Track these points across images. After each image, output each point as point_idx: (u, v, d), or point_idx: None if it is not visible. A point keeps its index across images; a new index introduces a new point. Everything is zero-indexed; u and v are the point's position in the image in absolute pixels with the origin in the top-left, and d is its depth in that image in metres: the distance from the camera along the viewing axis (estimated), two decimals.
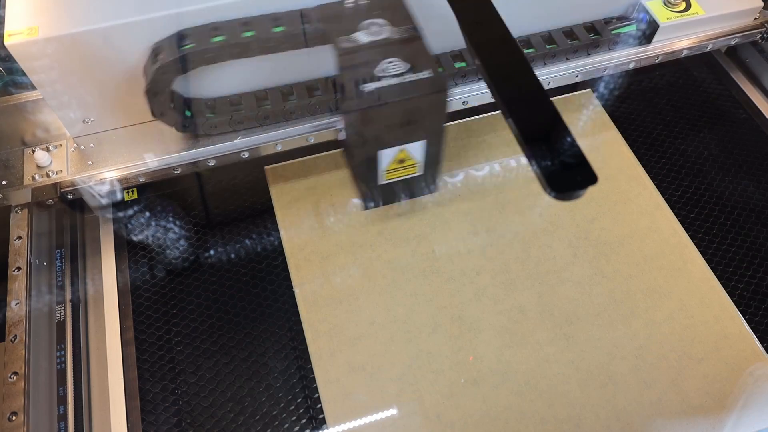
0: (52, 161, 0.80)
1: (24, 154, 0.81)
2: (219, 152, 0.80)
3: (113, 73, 0.74)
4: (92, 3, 0.71)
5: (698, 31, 0.93)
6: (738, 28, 0.94)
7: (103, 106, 0.78)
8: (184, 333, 0.80)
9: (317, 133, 0.82)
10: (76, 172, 0.79)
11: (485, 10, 0.63)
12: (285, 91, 0.82)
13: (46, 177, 0.79)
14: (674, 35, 0.92)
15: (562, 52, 0.89)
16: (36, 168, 0.79)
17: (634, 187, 0.92)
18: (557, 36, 0.89)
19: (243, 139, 0.80)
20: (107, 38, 0.70)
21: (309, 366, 0.76)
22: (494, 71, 0.57)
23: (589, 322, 0.79)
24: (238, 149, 0.80)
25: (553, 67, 0.89)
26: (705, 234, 0.89)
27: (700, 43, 0.93)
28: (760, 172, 0.96)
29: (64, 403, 0.71)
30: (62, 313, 0.78)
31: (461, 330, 0.78)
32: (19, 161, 0.80)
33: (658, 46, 0.92)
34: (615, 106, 1.03)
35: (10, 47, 0.67)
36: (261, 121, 0.80)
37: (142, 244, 0.88)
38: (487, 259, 0.84)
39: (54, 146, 0.82)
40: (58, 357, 0.74)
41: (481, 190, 0.91)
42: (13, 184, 0.78)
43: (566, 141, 0.52)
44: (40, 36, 0.68)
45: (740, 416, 0.73)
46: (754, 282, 0.85)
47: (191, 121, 0.78)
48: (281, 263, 0.85)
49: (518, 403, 0.73)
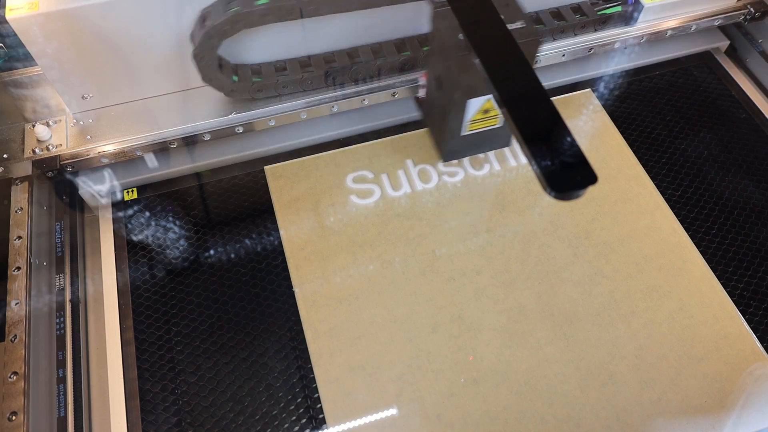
0: (52, 135, 0.82)
1: (24, 128, 0.83)
2: (213, 127, 0.83)
3: (112, 49, 0.75)
4: None
5: (682, 12, 0.95)
6: (721, 9, 0.97)
7: (102, 81, 0.80)
8: (184, 333, 0.80)
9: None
10: (75, 146, 0.81)
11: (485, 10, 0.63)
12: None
13: (46, 150, 0.81)
14: (659, 16, 0.94)
15: (549, 32, 0.91)
16: (36, 142, 0.81)
17: (634, 187, 0.92)
18: (544, 17, 0.91)
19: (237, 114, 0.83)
20: (107, 13, 0.71)
21: (309, 366, 0.76)
22: (494, 71, 0.57)
23: (589, 322, 0.79)
24: (233, 123, 0.84)
25: (540, 47, 0.90)
26: (705, 234, 0.89)
27: (684, 24, 0.96)
28: (760, 172, 0.96)
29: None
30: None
31: (461, 330, 0.78)
32: (20, 135, 0.82)
33: (643, 26, 0.94)
34: (615, 106, 1.03)
35: (12, 21, 0.68)
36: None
37: (142, 244, 0.88)
38: (487, 259, 0.84)
39: (54, 121, 0.83)
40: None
41: (481, 190, 0.91)
42: (14, 157, 0.80)
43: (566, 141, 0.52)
44: (41, 10, 0.69)
45: (740, 416, 0.73)
46: (754, 282, 0.85)
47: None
48: (281, 263, 0.85)
49: (518, 402, 0.73)
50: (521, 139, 0.52)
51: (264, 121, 0.85)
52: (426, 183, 0.92)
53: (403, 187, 0.91)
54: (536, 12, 0.91)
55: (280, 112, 0.85)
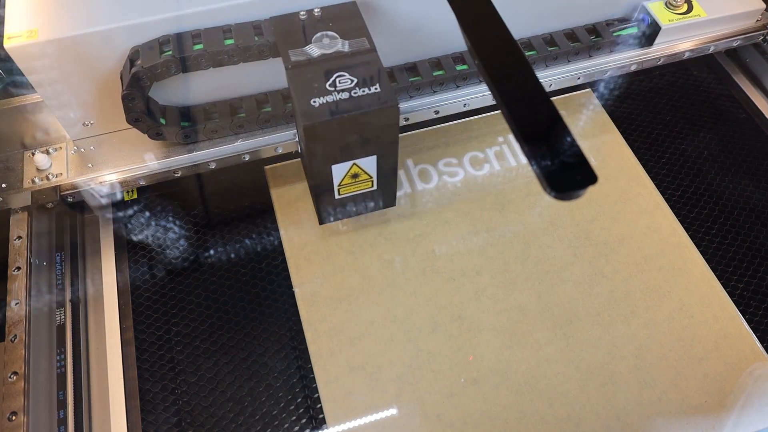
0: (52, 164, 0.80)
1: (24, 156, 0.81)
2: (220, 155, 0.80)
3: (113, 76, 0.73)
4: (92, 5, 0.70)
5: (700, 33, 0.93)
6: (740, 30, 0.94)
7: (103, 108, 0.78)
8: (184, 333, 0.80)
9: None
10: (76, 175, 0.79)
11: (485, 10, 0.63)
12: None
13: (45, 180, 0.78)
14: (676, 37, 0.92)
15: (564, 54, 0.88)
16: (36, 171, 0.79)
17: (634, 187, 0.92)
18: (558, 38, 0.88)
19: (243, 142, 0.80)
20: (107, 41, 0.70)
21: (309, 366, 0.76)
22: (494, 71, 0.57)
23: (589, 322, 0.79)
24: (239, 152, 0.80)
25: (555, 70, 0.89)
26: (705, 234, 0.89)
27: (702, 45, 0.93)
28: (760, 172, 0.96)
29: (64, 403, 0.71)
30: (62, 313, 0.78)
31: (461, 330, 0.78)
32: (19, 164, 0.80)
33: (659, 48, 0.92)
34: (615, 106, 1.03)
35: (10, 50, 0.67)
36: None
37: (142, 244, 0.88)
38: (487, 259, 0.84)
39: (54, 149, 0.81)
40: (57, 357, 0.74)
41: (481, 190, 0.91)
42: (12, 187, 0.78)
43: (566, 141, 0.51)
44: (41, 38, 0.67)
45: (740, 416, 0.73)
46: (754, 282, 0.85)
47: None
48: (281, 263, 0.85)
49: (518, 402, 0.73)
50: (521, 139, 0.52)
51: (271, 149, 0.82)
52: (426, 183, 0.92)
53: (403, 186, 0.91)
54: (550, 33, 0.88)
55: None
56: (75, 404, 0.72)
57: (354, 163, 0.72)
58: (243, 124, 0.80)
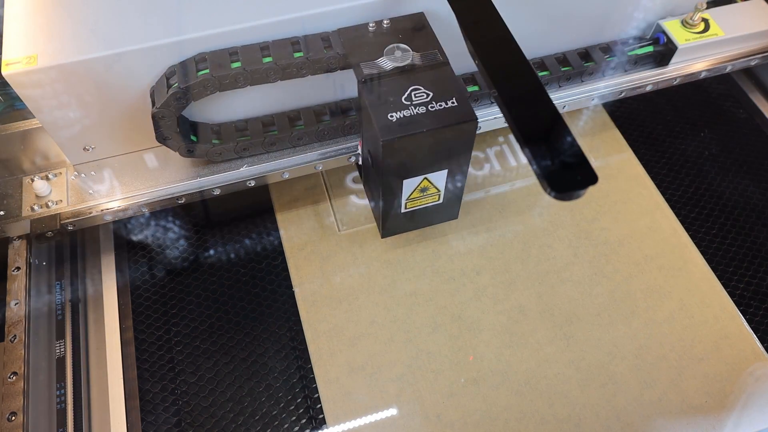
0: (52, 190, 0.76)
1: (22, 182, 0.77)
2: (224, 181, 0.77)
3: (114, 101, 0.71)
4: (91, 31, 0.68)
5: (717, 53, 0.89)
6: (758, 49, 0.90)
7: (104, 133, 0.75)
8: (184, 333, 0.80)
9: (325, 160, 0.79)
10: (76, 203, 0.76)
11: (485, 10, 0.63)
12: (292, 116, 0.78)
13: (45, 207, 0.75)
14: (693, 57, 0.88)
15: (578, 75, 0.85)
16: (35, 198, 0.76)
17: (634, 187, 0.92)
18: (572, 57, 0.85)
19: (249, 168, 0.77)
20: (108, 66, 0.67)
21: (309, 366, 0.76)
22: (494, 71, 0.57)
23: (589, 322, 0.79)
24: (244, 178, 0.77)
25: (569, 90, 0.86)
26: (705, 234, 0.89)
27: (719, 65, 0.89)
28: (760, 172, 0.96)
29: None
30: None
31: (461, 330, 0.78)
32: (18, 191, 0.77)
33: (675, 68, 0.88)
34: (615, 106, 1.03)
35: (8, 77, 0.64)
36: (267, 147, 0.77)
37: (142, 244, 0.88)
38: (487, 259, 0.84)
39: (53, 174, 0.78)
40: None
41: (481, 190, 0.91)
42: (11, 214, 0.75)
43: (566, 141, 0.51)
44: (40, 65, 0.64)
45: (740, 416, 0.73)
46: (754, 282, 0.85)
47: (196, 146, 0.75)
48: (281, 263, 0.85)
49: (518, 402, 0.73)
50: (521, 139, 0.51)
51: (278, 174, 0.79)
52: None
53: None
54: (563, 53, 0.85)
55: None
56: (74, 404, 0.72)
57: (425, 178, 0.71)
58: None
